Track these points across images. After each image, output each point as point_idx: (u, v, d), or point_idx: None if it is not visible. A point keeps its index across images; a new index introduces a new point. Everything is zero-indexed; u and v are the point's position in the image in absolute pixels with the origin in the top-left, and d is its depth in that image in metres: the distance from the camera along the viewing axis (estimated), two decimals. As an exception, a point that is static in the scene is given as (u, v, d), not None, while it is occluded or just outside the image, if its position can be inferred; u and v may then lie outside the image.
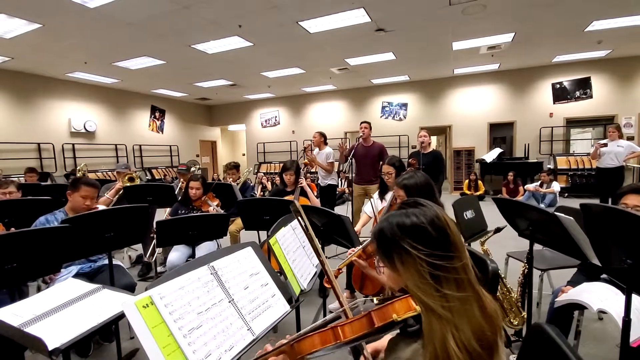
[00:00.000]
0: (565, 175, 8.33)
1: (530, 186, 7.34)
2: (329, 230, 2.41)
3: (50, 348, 0.98)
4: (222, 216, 2.63)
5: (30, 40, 5.74)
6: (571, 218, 1.46)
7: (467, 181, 8.79)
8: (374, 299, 1.00)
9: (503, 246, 2.99)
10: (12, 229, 2.22)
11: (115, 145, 10.06)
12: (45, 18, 5.00)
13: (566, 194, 7.96)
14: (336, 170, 4.78)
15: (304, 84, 10.24)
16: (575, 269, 2.14)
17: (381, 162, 3.44)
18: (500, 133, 10.08)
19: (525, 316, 2.09)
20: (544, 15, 5.46)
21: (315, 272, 1.78)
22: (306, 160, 3.73)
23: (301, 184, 3.30)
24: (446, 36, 6.38)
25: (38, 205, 2.75)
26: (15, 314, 1.14)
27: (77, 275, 2.32)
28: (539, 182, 7.22)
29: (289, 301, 1.33)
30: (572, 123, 8.98)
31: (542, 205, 6.81)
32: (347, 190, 6.81)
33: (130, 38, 5.94)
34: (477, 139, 9.68)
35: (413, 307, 0.77)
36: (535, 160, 8.67)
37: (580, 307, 1.79)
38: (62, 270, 2.30)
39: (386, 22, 5.63)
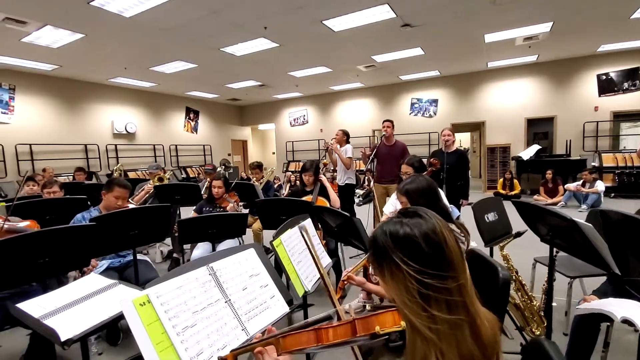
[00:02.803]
0: (611, 173, 7.67)
1: (571, 185, 6.87)
2: (342, 231, 2.42)
3: (62, 339, 1.07)
4: (240, 215, 2.71)
5: (75, 49, 6.21)
6: (590, 225, 1.36)
7: (501, 180, 8.37)
8: (367, 305, 0.99)
9: (533, 250, 2.82)
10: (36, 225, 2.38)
11: (154, 145, 10.64)
12: (87, 28, 5.38)
13: (612, 194, 7.35)
14: (355, 169, 4.73)
15: (331, 82, 10.24)
16: (605, 277, 2.00)
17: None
18: (539, 128, 9.49)
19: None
20: (584, 2, 5.06)
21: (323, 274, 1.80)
22: (326, 161, 3.74)
23: (320, 179, 3.32)
24: (477, 28, 6.11)
25: (76, 204, 2.99)
26: (39, 305, 1.26)
27: (108, 269, 2.50)
28: (581, 181, 6.73)
29: (290, 303, 1.36)
30: (621, 117, 8.25)
31: (584, 206, 6.37)
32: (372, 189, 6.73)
33: (164, 44, 6.25)
34: (514, 135, 9.18)
35: (398, 322, 0.73)
36: (578, 158, 8.07)
37: (608, 319, 1.68)
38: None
39: (412, 17, 5.49)
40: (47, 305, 1.27)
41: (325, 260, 1.93)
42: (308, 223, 1.96)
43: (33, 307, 1.27)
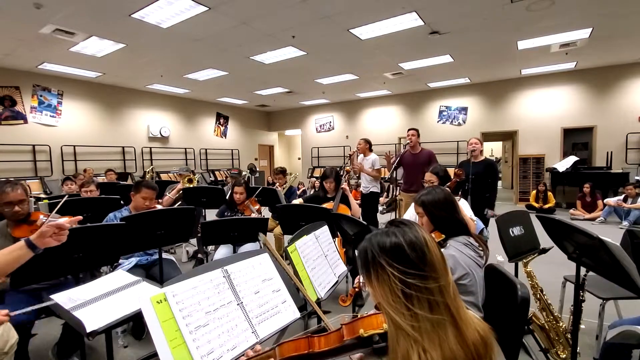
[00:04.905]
0: (658, 188, 7.13)
1: (612, 200, 6.44)
2: (360, 239, 2.41)
3: (88, 330, 1.16)
4: (260, 220, 2.78)
5: (117, 58, 6.64)
6: (617, 244, 1.28)
7: (534, 192, 7.99)
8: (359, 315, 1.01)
9: (564, 267, 2.68)
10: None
11: (185, 148, 11.09)
12: (128, 38, 5.75)
13: (659, 211, 6.81)
14: (380, 177, 4.71)
15: (358, 89, 10.26)
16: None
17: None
18: (577, 139, 9.01)
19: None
20: (626, 6, 4.79)
21: (337, 282, 1.81)
22: (348, 168, 3.75)
23: (343, 188, 3.33)
24: (510, 35, 5.92)
25: (110, 203, 3.18)
26: (70, 297, 1.37)
27: (136, 266, 2.64)
28: (623, 195, 6.31)
29: (301, 309, 1.38)
30: (670, 128, 7.67)
31: (625, 223, 5.97)
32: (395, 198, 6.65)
33: (197, 53, 6.55)
34: (548, 145, 8.76)
35: (381, 324, 0.78)
36: (620, 171, 7.55)
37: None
38: (124, 260, 2.65)
39: (440, 25, 5.42)
40: (77, 297, 1.37)
41: (341, 268, 1.93)
42: (324, 230, 1.98)
43: (65, 298, 1.37)
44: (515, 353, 1.36)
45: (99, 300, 1.35)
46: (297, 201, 3.68)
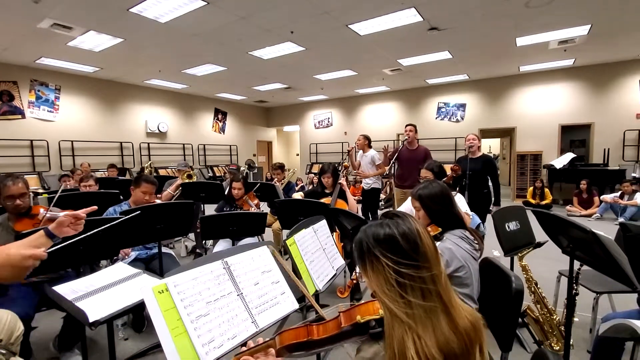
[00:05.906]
0: (654, 185, 7.18)
1: (608, 197, 6.49)
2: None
3: (90, 320, 1.18)
4: (259, 215, 2.80)
5: (115, 52, 6.60)
6: (610, 238, 1.31)
7: (531, 189, 8.04)
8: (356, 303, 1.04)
9: (560, 262, 2.70)
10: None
11: (183, 144, 11.07)
12: (126, 33, 5.71)
13: (654, 208, 6.87)
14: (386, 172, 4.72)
15: (357, 85, 10.25)
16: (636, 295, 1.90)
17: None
18: (574, 136, 9.06)
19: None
20: (625, 3, 4.80)
21: (335, 274, 1.83)
22: (346, 163, 3.77)
23: (340, 183, 3.34)
24: (508, 32, 5.93)
25: (109, 197, 3.19)
26: (72, 289, 1.38)
27: (135, 260, 2.66)
28: (619, 192, 6.36)
29: (300, 300, 1.40)
30: (666, 125, 7.71)
31: (621, 219, 6.01)
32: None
33: (196, 48, 6.52)
34: (546, 142, 8.79)
35: (377, 311, 0.81)
36: (617, 168, 7.61)
37: (633, 338, 1.60)
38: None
39: (439, 21, 5.42)
40: (79, 289, 1.39)
41: (339, 262, 1.96)
42: (323, 224, 2.00)
43: (67, 290, 1.39)
44: (509, 343, 1.39)
45: (101, 292, 1.37)
46: (298, 195, 3.69)
